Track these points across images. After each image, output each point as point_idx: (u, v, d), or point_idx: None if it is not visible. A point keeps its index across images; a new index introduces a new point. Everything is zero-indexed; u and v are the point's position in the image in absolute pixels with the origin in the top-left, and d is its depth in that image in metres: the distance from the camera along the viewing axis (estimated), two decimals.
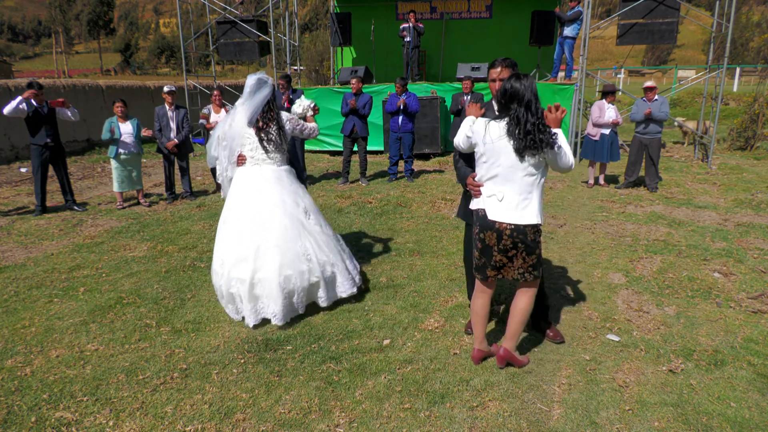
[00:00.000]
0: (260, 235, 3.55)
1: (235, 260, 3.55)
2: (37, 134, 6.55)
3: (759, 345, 3.29)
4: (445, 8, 13.90)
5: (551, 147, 2.69)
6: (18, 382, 2.91)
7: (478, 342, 3.07)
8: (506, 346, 2.99)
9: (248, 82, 3.69)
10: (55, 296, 4.13)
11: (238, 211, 3.66)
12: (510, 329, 2.98)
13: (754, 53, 37.05)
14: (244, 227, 3.60)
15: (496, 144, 2.74)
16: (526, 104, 2.67)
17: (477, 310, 3.05)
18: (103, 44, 73.55)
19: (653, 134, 7.70)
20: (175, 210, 6.99)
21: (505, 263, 2.88)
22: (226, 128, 3.71)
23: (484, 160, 2.82)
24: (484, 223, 2.85)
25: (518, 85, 2.69)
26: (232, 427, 2.54)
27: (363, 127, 8.33)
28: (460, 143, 3.00)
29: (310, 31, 47.01)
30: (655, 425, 2.54)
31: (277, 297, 3.49)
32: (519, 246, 2.80)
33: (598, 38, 20.35)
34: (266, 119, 3.68)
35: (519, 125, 2.67)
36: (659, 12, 9.64)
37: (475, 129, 2.85)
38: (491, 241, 2.84)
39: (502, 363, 3.00)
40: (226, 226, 3.70)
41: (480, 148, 2.83)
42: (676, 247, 5.20)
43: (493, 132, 2.76)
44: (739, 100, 19.41)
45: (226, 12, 13.15)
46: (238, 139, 3.69)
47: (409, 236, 5.63)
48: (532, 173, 2.75)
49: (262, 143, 3.66)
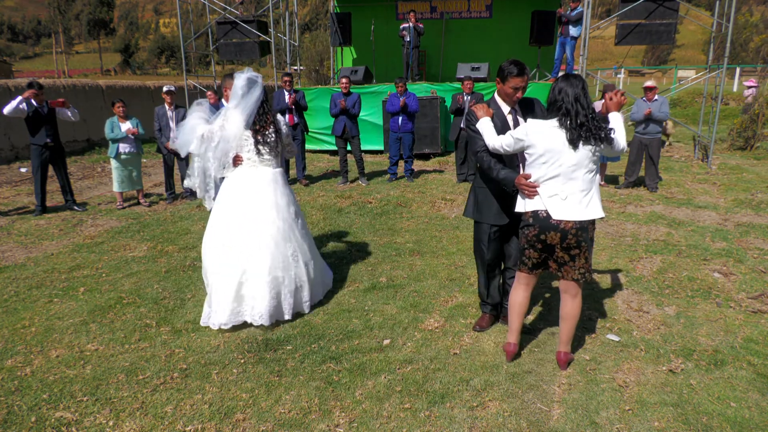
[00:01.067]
0: (253, 235, 3.56)
1: (228, 258, 3.55)
2: (37, 134, 6.55)
3: (759, 345, 3.29)
4: (445, 8, 13.90)
5: (609, 142, 2.75)
6: (18, 382, 2.91)
7: (515, 336, 3.07)
8: (565, 350, 3.05)
9: (237, 83, 3.61)
10: (55, 296, 4.13)
11: (233, 211, 3.64)
12: (565, 335, 3.03)
13: (754, 53, 37.08)
14: (238, 226, 3.60)
15: (558, 144, 2.73)
16: (574, 97, 2.71)
17: (520, 302, 3.04)
18: (103, 44, 73.54)
19: (653, 134, 7.70)
20: (175, 210, 6.99)
21: (567, 261, 2.89)
22: (216, 129, 3.62)
23: (544, 161, 2.76)
24: (545, 224, 2.80)
25: (565, 84, 2.75)
26: (232, 427, 2.54)
27: (353, 126, 8.32)
28: (503, 145, 2.91)
29: (310, 31, 47.01)
30: (655, 425, 2.54)
31: (265, 296, 3.50)
32: (582, 245, 2.82)
33: (598, 38, 20.38)
34: (263, 122, 3.68)
35: (569, 116, 2.71)
36: (658, 13, 9.63)
37: (531, 131, 2.79)
38: (554, 241, 2.83)
39: (564, 365, 3.04)
40: (225, 225, 3.66)
41: (537, 150, 2.76)
42: (676, 247, 5.20)
43: (552, 132, 2.75)
44: (739, 100, 19.39)
45: (226, 12, 13.15)
46: (234, 141, 3.64)
47: (409, 236, 5.63)
48: (591, 169, 2.79)
49: (258, 146, 3.66)
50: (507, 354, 3.09)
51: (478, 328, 3.49)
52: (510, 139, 2.88)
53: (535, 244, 2.87)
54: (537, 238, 2.85)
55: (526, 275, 3.01)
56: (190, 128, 3.71)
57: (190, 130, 3.70)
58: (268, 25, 12.90)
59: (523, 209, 2.90)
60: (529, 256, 2.93)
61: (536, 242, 2.86)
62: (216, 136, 3.62)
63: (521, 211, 2.93)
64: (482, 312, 3.62)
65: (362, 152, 8.74)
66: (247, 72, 3.66)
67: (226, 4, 13.62)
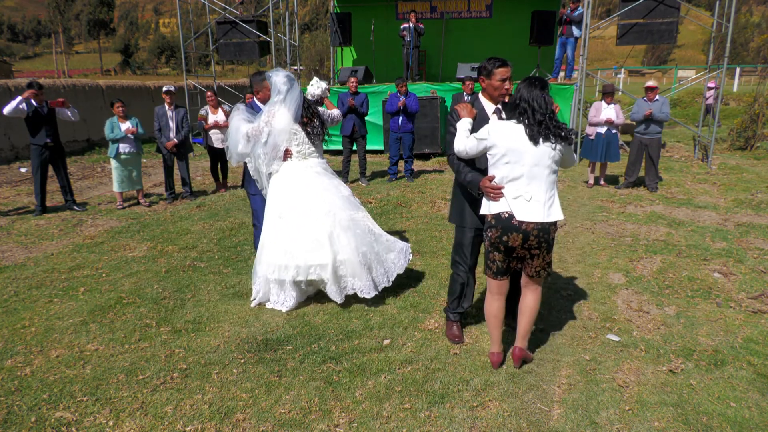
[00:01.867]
0: (330, 221, 3.73)
1: (310, 248, 3.68)
2: (37, 134, 6.55)
3: (759, 345, 3.29)
4: (445, 8, 13.90)
5: (569, 143, 2.78)
6: (18, 382, 2.91)
7: (498, 345, 3.05)
8: (521, 346, 3.02)
9: (278, 80, 3.78)
10: (55, 296, 4.13)
11: (300, 203, 3.78)
12: (523, 328, 3.00)
13: (754, 53, 37.06)
14: (311, 216, 3.74)
15: (519, 143, 2.73)
16: (532, 97, 2.75)
17: (495, 313, 3.01)
18: (103, 44, 73.50)
19: (653, 134, 7.70)
20: (175, 210, 6.99)
21: (526, 257, 2.90)
22: (262, 125, 3.79)
23: (506, 161, 2.76)
24: (508, 225, 2.78)
25: (524, 85, 2.81)
26: (232, 427, 2.54)
27: (362, 125, 8.36)
28: (467, 149, 2.90)
29: (310, 31, 47.02)
30: (655, 425, 2.54)
31: (361, 273, 3.72)
32: (542, 245, 2.83)
33: (598, 38, 20.36)
34: (309, 114, 3.90)
35: (526, 114, 2.74)
36: (659, 12, 9.64)
37: (493, 130, 2.80)
38: (515, 243, 2.82)
39: (518, 362, 3.02)
40: (286, 219, 3.78)
41: (500, 149, 2.77)
42: (676, 247, 5.20)
43: (514, 131, 2.76)
44: (739, 100, 19.42)
45: (226, 12, 13.15)
46: (284, 135, 3.82)
47: (409, 236, 5.63)
48: (554, 170, 2.80)
49: (310, 137, 3.89)
50: (492, 363, 3.05)
51: (454, 340, 3.33)
52: (472, 141, 2.88)
53: (498, 245, 2.87)
54: (499, 239, 2.84)
55: (496, 283, 2.98)
56: (235, 130, 3.91)
57: (235, 131, 3.91)
58: (268, 25, 12.90)
59: (488, 212, 2.87)
60: (494, 259, 2.92)
61: (499, 244, 2.86)
62: (264, 132, 3.80)
63: (485, 214, 2.91)
64: (448, 320, 3.45)
65: (365, 152, 8.74)
66: (280, 70, 3.84)
67: (226, 4, 13.63)
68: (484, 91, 3.12)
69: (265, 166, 3.90)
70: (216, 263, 4.85)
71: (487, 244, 2.94)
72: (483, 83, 3.09)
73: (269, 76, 3.86)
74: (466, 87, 8.42)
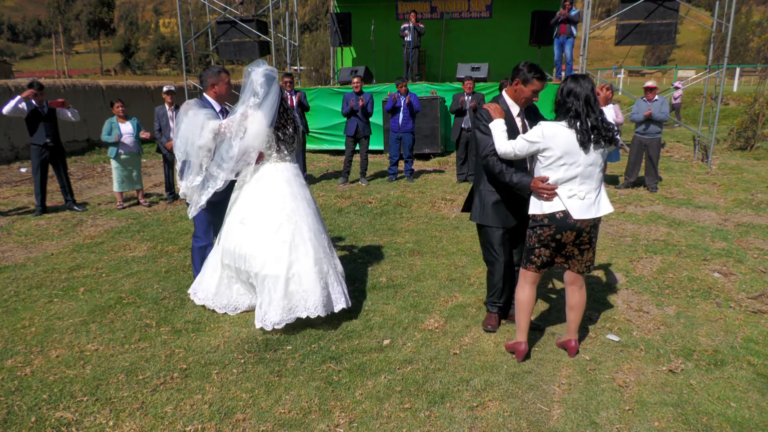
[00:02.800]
0: (291, 229, 3.49)
1: (267, 256, 3.44)
2: (37, 134, 6.55)
3: (759, 345, 3.29)
4: (445, 8, 13.90)
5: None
6: (18, 382, 2.91)
7: (525, 335, 3.08)
8: (575, 338, 3.15)
9: (256, 79, 3.48)
10: (55, 296, 4.13)
11: (264, 207, 3.55)
12: (575, 323, 3.13)
13: (754, 53, 37.04)
14: (272, 223, 3.50)
15: (575, 146, 2.76)
16: (585, 100, 2.75)
17: (528, 300, 3.05)
18: (103, 44, 73.50)
19: (653, 134, 7.70)
20: (175, 210, 6.99)
21: (575, 255, 2.96)
22: (234, 126, 3.48)
23: (562, 163, 2.78)
24: (562, 224, 2.83)
25: (575, 85, 2.79)
26: (232, 427, 2.54)
27: (366, 126, 8.37)
28: (516, 150, 2.89)
29: (310, 31, 47.02)
30: (655, 425, 2.54)
31: (315, 288, 3.41)
32: (593, 240, 2.91)
33: (598, 38, 20.34)
34: (284, 119, 3.64)
35: (580, 119, 2.75)
36: (658, 13, 9.64)
37: (547, 133, 2.79)
38: (568, 239, 2.88)
39: (574, 353, 3.15)
40: (249, 223, 3.55)
41: (555, 152, 2.78)
42: (676, 247, 5.20)
43: (568, 134, 2.77)
44: (739, 100, 19.39)
45: (226, 12, 13.15)
46: (258, 141, 3.52)
47: (409, 236, 5.63)
48: (602, 168, 2.88)
49: (279, 143, 3.62)
50: (518, 354, 3.08)
51: (489, 328, 3.45)
52: (523, 143, 2.86)
53: (549, 243, 2.91)
54: (552, 237, 2.89)
55: (533, 274, 3.03)
56: (197, 123, 3.49)
57: (196, 124, 3.49)
58: (268, 25, 12.90)
59: (540, 211, 2.89)
60: (540, 254, 2.96)
61: (551, 241, 2.90)
62: (233, 133, 3.49)
63: (536, 213, 2.91)
64: (489, 312, 3.55)
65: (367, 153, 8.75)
66: (262, 65, 3.52)
67: (226, 4, 13.63)
68: (512, 91, 3.14)
69: (229, 170, 3.53)
70: None
71: (534, 240, 2.95)
72: (515, 85, 3.11)
73: (248, 72, 3.52)
74: (466, 87, 8.41)
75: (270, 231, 3.48)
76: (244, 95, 3.54)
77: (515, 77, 3.10)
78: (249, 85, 3.52)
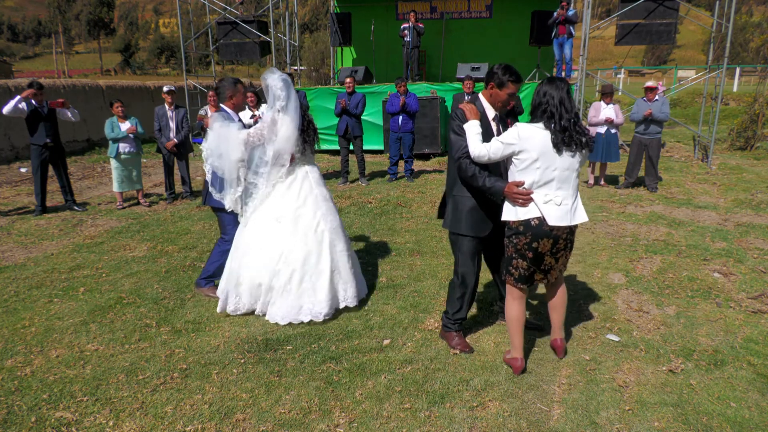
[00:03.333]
0: (328, 227, 3.74)
1: (309, 253, 3.64)
2: (37, 134, 6.55)
3: (759, 345, 3.29)
4: (445, 8, 13.90)
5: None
6: (18, 382, 2.91)
7: (521, 350, 2.97)
8: (560, 337, 3.14)
9: (276, 84, 3.55)
10: (55, 296, 4.13)
11: (300, 207, 3.72)
12: (558, 321, 3.11)
13: (754, 53, 37.05)
14: (311, 222, 3.71)
15: (550, 147, 2.67)
16: (559, 101, 2.69)
17: (518, 317, 2.94)
18: (103, 44, 73.47)
19: (653, 134, 7.70)
20: (175, 210, 6.99)
21: (552, 266, 2.89)
22: (265, 132, 3.58)
23: (538, 166, 2.68)
24: (538, 231, 2.72)
25: (550, 87, 2.73)
26: (232, 427, 2.54)
27: (357, 126, 8.34)
28: (490, 153, 2.76)
29: (311, 31, 47.03)
30: (655, 425, 2.54)
31: (351, 280, 3.78)
32: (568, 246, 2.86)
33: (598, 38, 20.34)
34: (305, 121, 3.78)
35: (553, 119, 2.68)
36: (658, 12, 9.64)
37: (524, 134, 2.70)
38: (545, 248, 2.76)
39: (562, 352, 3.13)
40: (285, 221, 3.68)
41: (531, 154, 2.68)
42: (676, 247, 5.20)
43: (544, 135, 2.69)
44: (739, 100, 19.40)
45: (226, 12, 13.15)
46: (289, 144, 3.64)
47: (409, 236, 5.63)
48: (578, 173, 2.81)
49: (305, 145, 3.77)
50: (515, 369, 2.95)
51: (468, 350, 3.18)
52: (498, 145, 2.75)
53: (526, 252, 2.79)
54: (528, 246, 2.77)
55: (518, 290, 2.95)
56: (230, 136, 3.60)
57: (228, 136, 3.60)
58: (268, 25, 12.90)
59: (514, 218, 2.77)
60: (517, 266, 2.86)
61: (527, 251, 2.79)
62: (266, 139, 3.60)
63: (509, 220, 2.81)
64: (452, 331, 3.24)
65: (363, 152, 8.75)
66: (276, 72, 3.61)
67: (226, 4, 13.63)
68: (488, 95, 3.00)
69: (264, 177, 3.68)
70: None
71: (511, 251, 2.86)
72: (490, 89, 2.96)
73: (265, 80, 3.60)
74: (466, 87, 8.42)
75: (310, 229, 3.69)
76: (269, 102, 3.65)
77: (490, 81, 2.94)
78: (270, 92, 3.62)
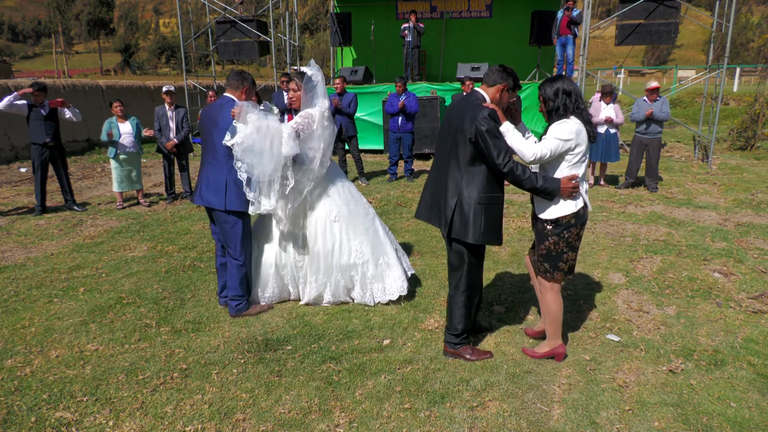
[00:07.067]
0: (377, 221, 3.98)
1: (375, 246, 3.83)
2: (38, 134, 6.55)
3: (759, 345, 3.29)
4: (445, 8, 13.91)
5: (594, 140, 2.90)
6: (18, 382, 2.91)
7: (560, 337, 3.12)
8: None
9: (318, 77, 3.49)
10: (55, 296, 4.13)
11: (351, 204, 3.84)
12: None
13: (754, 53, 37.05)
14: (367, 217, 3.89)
15: (587, 139, 2.83)
16: (578, 95, 2.84)
17: (561, 308, 3.06)
18: (103, 44, 73.47)
19: (653, 134, 7.70)
20: (175, 210, 6.99)
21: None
22: (315, 124, 3.50)
23: (584, 159, 2.85)
24: (584, 218, 2.89)
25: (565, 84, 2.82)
26: (232, 427, 2.54)
27: (351, 126, 8.32)
28: (551, 151, 2.75)
29: (311, 31, 47.01)
30: (655, 425, 2.54)
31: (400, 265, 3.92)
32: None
33: (598, 38, 20.34)
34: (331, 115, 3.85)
35: (583, 113, 2.82)
36: (658, 12, 9.64)
37: (575, 129, 2.76)
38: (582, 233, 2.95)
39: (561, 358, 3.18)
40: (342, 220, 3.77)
41: (582, 148, 2.81)
42: (676, 247, 5.20)
43: (584, 129, 2.82)
44: (739, 100, 19.40)
45: (226, 12, 13.15)
46: (334, 135, 3.75)
47: (409, 236, 5.63)
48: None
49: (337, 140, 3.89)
50: (560, 356, 3.08)
51: (488, 356, 3.11)
52: (557, 143, 2.74)
53: (576, 243, 2.91)
54: (578, 235, 2.91)
55: (558, 283, 3.01)
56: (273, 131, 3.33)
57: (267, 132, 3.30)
58: (268, 25, 12.91)
59: (567, 212, 2.81)
60: (567, 259, 2.93)
61: (577, 240, 2.91)
62: (315, 132, 3.53)
63: (562, 215, 2.82)
64: (464, 345, 3.11)
65: (361, 152, 8.73)
66: (314, 65, 3.55)
67: (226, 4, 13.63)
68: (496, 94, 2.89)
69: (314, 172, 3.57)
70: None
71: (561, 246, 2.87)
72: (501, 90, 2.88)
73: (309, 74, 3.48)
74: (465, 87, 8.41)
75: (368, 225, 3.85)
76: (316, 96, 3.55)
77: (503, 82, 2.85)
78: (313, 84, 3.51)
